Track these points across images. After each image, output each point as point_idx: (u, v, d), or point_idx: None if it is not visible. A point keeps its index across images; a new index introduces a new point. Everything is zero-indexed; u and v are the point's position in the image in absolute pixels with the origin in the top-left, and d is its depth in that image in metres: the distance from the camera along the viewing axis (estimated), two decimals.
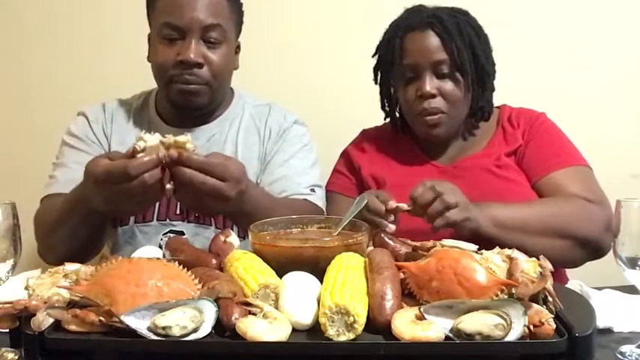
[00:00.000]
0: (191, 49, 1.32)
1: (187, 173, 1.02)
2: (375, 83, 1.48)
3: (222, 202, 1.07)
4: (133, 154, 1.01)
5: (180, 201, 1.12)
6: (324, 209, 1.43)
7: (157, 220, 1.42)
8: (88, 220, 1.18)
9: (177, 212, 1.42)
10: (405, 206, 1.13)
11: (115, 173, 1.01)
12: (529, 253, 1.07)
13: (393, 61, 1.39)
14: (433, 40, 1.34)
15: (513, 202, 1.27)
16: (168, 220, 1.42)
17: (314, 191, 1.42)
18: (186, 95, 1.37)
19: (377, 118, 1.53)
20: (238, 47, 1.48)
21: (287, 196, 1.38)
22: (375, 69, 1.47)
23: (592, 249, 1.28)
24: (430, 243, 0.97)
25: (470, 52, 1.35)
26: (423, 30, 1.35)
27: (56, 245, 1.26)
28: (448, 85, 1.36)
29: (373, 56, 1.47)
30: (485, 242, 1.06)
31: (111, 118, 1.48)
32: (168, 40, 1.35)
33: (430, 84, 1.34)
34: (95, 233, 1.26)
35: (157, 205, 1.41)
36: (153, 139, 1.02)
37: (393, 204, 1.14)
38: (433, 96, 1.35)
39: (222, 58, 1.38)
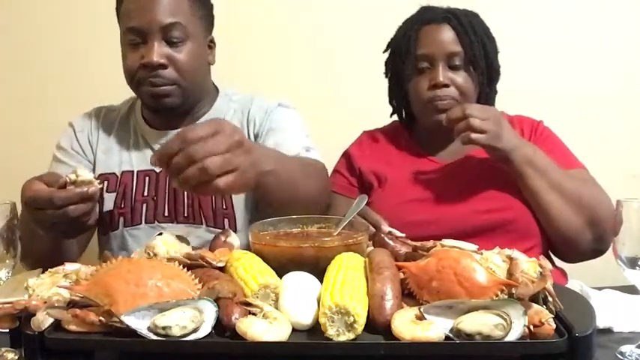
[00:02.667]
0: (153, 52, 1.32)
1: (180, 157, 0.87)
2: (386, 77, 1.51)
3: (240, 150, 0.90)
4: (64, 184, 1.04)
5: (224, 190, 0.90)
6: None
7: (146, 223, 1.40)
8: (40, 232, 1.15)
9: (166, 214, 1.40)
10: (398, 233, 1.07)
11: (40, 200, 1.05)
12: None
13: (407, 53, 1.42)
14: (449, 33, 1.39)
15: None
16: (156, 222, 1.40)
17: (308, 151, 1.35)
18: (155, 97, 1.36)
19: (378, 118, 1.53)
20: (212, 42, 1.46)
21: None
22: (387, 63, 1.50)
23: (598, 236, 1.30)
24: (430, 243, 0.97)
25: (482, 49, 1.40)
26: (439, 23, 1.40)
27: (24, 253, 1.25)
28: (461, 77, 1.39)
29: (384, 51, 1.50)
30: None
31: (97, 126, 1.49)
32: (132, 46, 1.35)
33: (443, 74, 1.38)
34: (55, 244, 1.25)
35: (144, 207, 1.40)
36: (86, 174, 1.05)
37: (385, 228, 1.08)
38: (446, 85, 1.38)
39: (188, 56, 1.35)
